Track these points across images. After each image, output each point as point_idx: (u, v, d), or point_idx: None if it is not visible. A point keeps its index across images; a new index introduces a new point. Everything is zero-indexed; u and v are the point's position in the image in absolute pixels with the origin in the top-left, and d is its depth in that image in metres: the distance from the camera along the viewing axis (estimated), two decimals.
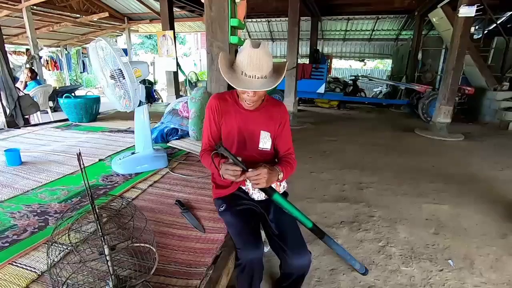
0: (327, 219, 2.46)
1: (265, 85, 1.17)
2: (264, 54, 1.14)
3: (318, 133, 5.58)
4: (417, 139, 5.29)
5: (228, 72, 1.21)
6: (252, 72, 1.14)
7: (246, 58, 1.14)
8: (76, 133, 2.94)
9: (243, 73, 1.16)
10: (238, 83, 1.17)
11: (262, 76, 1.16)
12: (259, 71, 1.14)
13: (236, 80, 1.17)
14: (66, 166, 2.00)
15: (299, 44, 6.60)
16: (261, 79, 1.16)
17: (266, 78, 1.18)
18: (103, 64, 1.69)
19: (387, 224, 2.38)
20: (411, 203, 2.76)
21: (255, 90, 1.17)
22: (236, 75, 1.19)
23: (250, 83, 1.16)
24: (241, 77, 1.17)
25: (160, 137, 2.58)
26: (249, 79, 1.16)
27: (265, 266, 1.82)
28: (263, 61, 1.14)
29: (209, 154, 1.31)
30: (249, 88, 1.16)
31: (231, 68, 1.23)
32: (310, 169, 3.61)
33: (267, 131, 1.38)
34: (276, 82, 1.20)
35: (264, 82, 1.17)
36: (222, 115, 1.36)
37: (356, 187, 3.11)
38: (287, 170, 1.30)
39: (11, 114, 3.53)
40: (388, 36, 12.05)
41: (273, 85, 1.19)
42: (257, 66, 1.14)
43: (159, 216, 1.41)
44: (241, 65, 1.16)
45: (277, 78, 1.22)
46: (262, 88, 1.17)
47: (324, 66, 7.90)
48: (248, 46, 1.14)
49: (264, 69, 1.16)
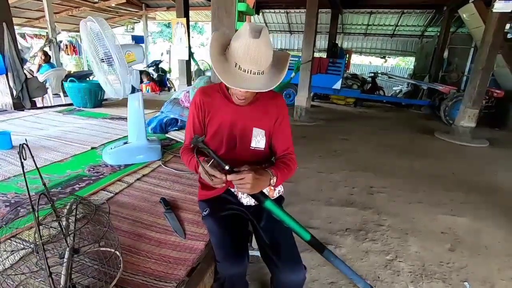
0: (332, 224, 2.28)
1: (262, 83, 1.00)
2: (264, 45, 0.96)
3: (330, 131, 5.34)
4: (437, 143, 4.97)
5: (219, 61, 1.03)
6: (248, 65, 0.97)
7: (242, 47, 0.96)
8: (77, 118, 2.87)
9: (236, 65, 0.98)
10: (230, 78, 0.98)
11: (259, 71, 0.98)
12: (256, 65, 0.97)
13: (228, 74, 0.99)
14: (56, 153, 1.91)
15: (317, 37, 6.31)
16: (258, 74, 0.99)
17: (263, 74, 1.00)
18: (93, 46, 1.56)
19: (397, 235, 2.18)
20: (425, 213, 2.53)
21: (250, 90, 1.00)
22: (228, 65, 1.01)
23: (244, 80, 0.98)
24: (234, 69, 0.99)
25: (159, 127, 2.46)
26: (243, 74, 0.98)
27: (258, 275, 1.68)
28: (262, 53, 0.96)
29: (189, 151, 1.17)
30: (243, 87, 0.98)
31: (223, 55, 1.05)
32: (318, 168, 3.41)
33: (261, 128, 1.21)
34: (275, 81, 1.03)
35: (260, 79, 1.00)
36: (208, 112, 1.20)
37: (366, 191, 2.90)
38: (282, 173, 1.13)
39: (18, 96, 3.51)
40: (412, 32, 11.45)
41: (272, 85, 1.01)
42: (255, 60, 0.96)
43: (139, 215, 1.28)
44: (235, 54, 0.98)
45: (277, 74, 1.04)
46: (258, 88, 0.99)
47: (341, 61, 7.56)
48: (246, 33, 0.95)
49: (263, 63, 0.98)
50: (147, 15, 10.44)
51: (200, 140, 0.96)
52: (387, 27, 11.54)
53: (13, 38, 3.38)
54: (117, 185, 1.53)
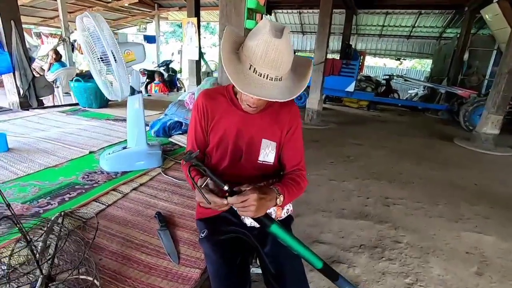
0: (344, 239, 2.10)
1: (279, 92, 0.85)
2: (286, 47, 0.81)
3: (343, 135, 5.13)
4: (456, 150, 4.69)
5: (231, 60, 0.87)
6: (265, 69, 0.82)
7: (261, 47, 0.81)
8: (80, 119, 2.79)
9: (251, 67, 0.83)
10: (243, 83, 0.84)
11: (278, 77, 0.84)
12: (275, 70, 0.82)
13: (240, 77, 0.85)
14: (52, 157, 1.81)
15: (330, 38, 6.11)
16: (275, 81, 0.84)
17: (281, 81, 0.86)
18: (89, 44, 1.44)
19: (417, 254, 1.98)
20: (447, 229, 2.32)
21: (266, 99, 0.86)
22: (241, 67, 0.86)
23: (259, 86, 0.84)
24: (248, 72, 0.84)
25: (162, 131, 2.34)
26: (259, 79, 0.83)
27: None
28: (283, 56, 0.81)
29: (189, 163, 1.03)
30: (257, 94, 0.83)
31: (236, 54, 0.90)
32: (329, 175, 3.23)
33: (271, 139, 1.06)
34: (295, 91, 0.88)
35: (278, 86, 0.85)
36: (212, 118, 1.06)
37: (382, 202, 2.70)
38: (291, 193, 0.98)
39: (24, 94, 3.47)
40: (430, 34, 11.06)
41: (291, 95, 0.87)
42: (274, 63, 0.81)
43: (131, 233, 1.15)
44: (251, 54, 0.83)
45: (297, 83, 0.90)
46: (275, 97, 0.84)
47: (355, 62, 7.32)
48: (266, 31, 0.80)
49: (283, 68, 0.83)
50: (159, 15, 10.46)
51: (193, 157, 0.81)
52: (403, 28, 11.19)
53: (21, 36, 3.34)
54: (111, 196, 1.41)
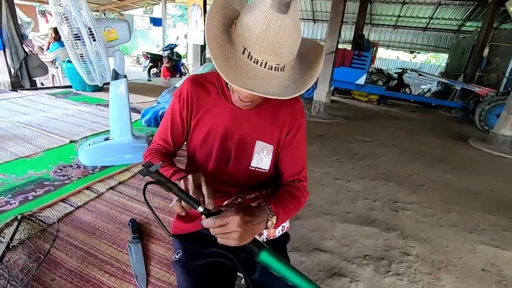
0: (347, 248, 1.92)
1: (280, 85, 0.64)
2: (292, 27, 0.60)
3: (351, 131, 4.89)
4: (471, 152, 4.43)
5: (218, 40, 0.65)
6: (263, 54, 0.61)
7: (259, 25, 0.59)
8: (69, 103, 2.60)
9: (246, 51, 0.62)
10: (232, 72, 0.62)
11: (279, 66, 0.63)
12: (276, 55, 0.61)
13: (231, 64, 0.63)
14: (28, 146, 1.63)
15: (342, 27, 5.77)
16: (276, 70, 0.63)
17: (282, 71, 0.64)
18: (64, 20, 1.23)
19: (428, 269, 1.79)
20: (461, 241, 2.12)
21: (263, 95, 0.62)
22: (232, 50, 0.64)
23: (254, 77, 0.62)
24: (241, 57, 0.63)
25: (154, 120, 2.14)
26: (254, 67, 0.62)
27: None
28: (287, 39, 0.60)
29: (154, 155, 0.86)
30: (251, 88, 0.61)
31: (227, 33, 0.67)
32: (335, 174, 3.02)
33: (267, 141, 0.86)
34: (301, 86, 0.66)
35: (279, 78, 0.64)
36: (197, 110, 0.86)
37: (390, 207, 2.50)
38: (287, 211, 0.78)
39: (16, 74, 3.29)
40: (448, 27, 10.56)
41: (295, 91, 0.64)
42: (275, 47, 0.60)
43: (97, 245, 0.97)
44: (246, 34, 0.61)
45: (304, 76, 0.68)
46: (273, 93, 0.62)
47: (368, 54, 6.97)
48: (267, 2, 0.58)
49: (286, 53, 0.62)
50: None
51: (153, 171, 0.61)
52: (419, 19, 10.68)
53: (12, 11, 3.13)
54: (82, 195, 1.22)
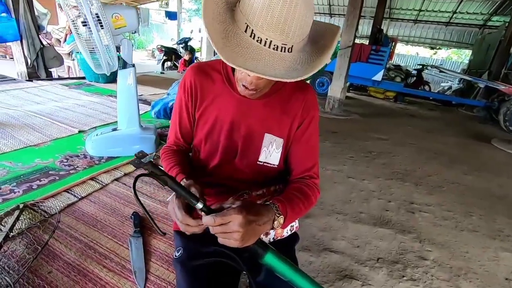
0: (359, 249, 1.83)
1: (287, 66, 0.57)
2: (302, 2, 0.53)
3: (366, 128, 4.74)
4: (494, 153, 4.20)
5: (220, 22, 0.59)
6: (268, 32, 0.54)
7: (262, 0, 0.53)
8: (81, 94, 2.62)
9: (248, 29, 0.56)
10: (233, 52, 0.56)
11: (285, 46, 0.56)
12: (283, 33, 0.54)
13: (232, 43, 0.57)
14: (37, 134, 1.63)
15: (360, 22, 5.57)
16: (283, 51, 0.56)
17: (290, 52, 0.57)
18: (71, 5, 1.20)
19: (446, 275, 1.69)
20: (482, 246, 1.99)
21: (265, 77, 0.55)
22: (233, 28, 0.58)
23: (257, 57, 0.55)
24: (243, 36, 0.57)
25: (163, 112, 2.11)
26: (258, 47, 0.56)
27: None
28: (295, 14, 0.53)
29: (170, 156, 0.81)
30: (253, 69, 0.54)
31: (228, 12, 0.61)
32: (348, 172, 2.92)
33: (276, 134, 0.79)
34: (310, 67, 0.58)
35: (286, 59, 0.57)
36: (201, 100, 0.80)
37: (405, 208, 2.38)
38: (296, 211, 0.71)
39: (32, 64, 3.34)
40: (472, 21, 10.06)
41: (304, 73, 0.57)
42: (281, 23, 0.53)
43: (97, 237, 0.94)
44: (248, 10, 0.55)
45: (314, 58, 0.60)
46: (278, 74, 0.55)
47: (386, 49, 6.73)
48: None
49: (294, 32, 0.55)
50: None
51: (145, 162, 0.55)
52: (442, 13, 10.23)
53: (29, 2, 3.17)
54: (87, 186, 1.20)
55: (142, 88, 3.22)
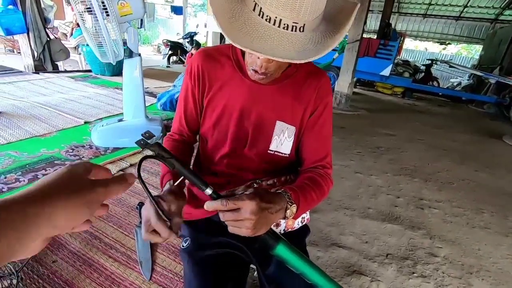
0: (368, 245, 1.80)
1: (299, 47, 0.53)
2: None
3: (373, 124, 4.67)
4: (506, 150, 4.12)
5: (225, 0, 0.56)
6: (278, 10, 0.51)
7: None
8: (87, 86, 2.61)
9: (256, 7, 0.53)
10: (240, 32, 0.52)
11: (297, 25, 0.52)
12: (293, 11, 0.51)
13: (239, 23, 0.53)
14: (43, 125, 1.62)
15: (368, 16, 5.46)
16: (294, 30, 0.52)
17: (302, 32, 0.53)
18: None
19: (457, 272, 1.65)
20: (495, 244, 1.94)
21: (274, 58, 0.52)
22: (241, 8, 0.55)
23: (265, 39, 0.52)
24: (251, 15, 0.53)
25: (169, 104, 2.08)
26: (267, 26, 0.52)
27: None
28: None
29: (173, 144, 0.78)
30: (262, 51, 0.51)
31: None
32: (356, 167, 2.88)
33: (288, 122, 0.76)
34: (324, 47, 0.54)
35: (298, 39, 0.53)
36: (209, 87, 0.77)
37: (415, 204, 2.34)
38: (309, 200, 0.68)
39: (39, 57, 3.34)
40: (483, 15, 9.83)
41: (317, 53, 0.53)
42: (292, 0, 0.49)
43: (103, 227, 0.92)
44: None
45: (328, 37, 0.56)
46: (289, 56, 0.52)
47: (394, 43, 6.61)
48: None
49: (307, 9, 0.51)
50: None
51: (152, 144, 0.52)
52: (452, 7, 10.00)
53: None
54: None
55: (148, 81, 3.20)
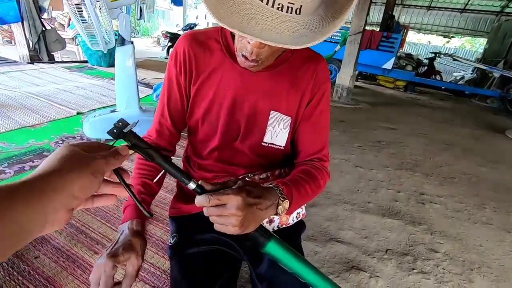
0: (367, 240, 1.76)
1: (294, 31, 0.47)
2: None
3: (375, 117, 4.61)
4: (509, 145, 4.06)
5: None
6: None
7: None
8: (82, 76, 2.55)
9: None
10: (229, 13, 0.46)
11: (293, 6, 0.46)
12: None
13: (228, 2, 0.47)
14: (34, 116, 1.57)
15: (371, 8, 5.35)
16: (289, 12, 0.46)
17: (299, 14, 0.46)
18: None
19: (458, 269, 1.61)
20: (496, 240, 1.91)
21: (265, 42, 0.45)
22: None
23: (258, 20, 0.46)
24: None
25: None
26: (260, 6, 0.46)
27: None
28: None
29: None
30: (253, 34, 0.44)
31: None
32: (356, 161, 2.83)
33: (284, 112, 0.71)
34: (322, 32, 0.48)
35: (293, 22, 0.47)
36: (196, 74, 0.70)
37: (416, 199, 2.30)
38: (303, 195, 0.64)
39: (34, 47, 3.27)
40: (489, 8, 9.65)
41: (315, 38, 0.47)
42: None
43: (89, 222, 0.88)
44: None
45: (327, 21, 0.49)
46: (282, 40, 0.45)
47: (397, 36, 6.49)
48: None
49: None
50: None
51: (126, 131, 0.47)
52: (457, 0, 9.82)
53: None
54: None
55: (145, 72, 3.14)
